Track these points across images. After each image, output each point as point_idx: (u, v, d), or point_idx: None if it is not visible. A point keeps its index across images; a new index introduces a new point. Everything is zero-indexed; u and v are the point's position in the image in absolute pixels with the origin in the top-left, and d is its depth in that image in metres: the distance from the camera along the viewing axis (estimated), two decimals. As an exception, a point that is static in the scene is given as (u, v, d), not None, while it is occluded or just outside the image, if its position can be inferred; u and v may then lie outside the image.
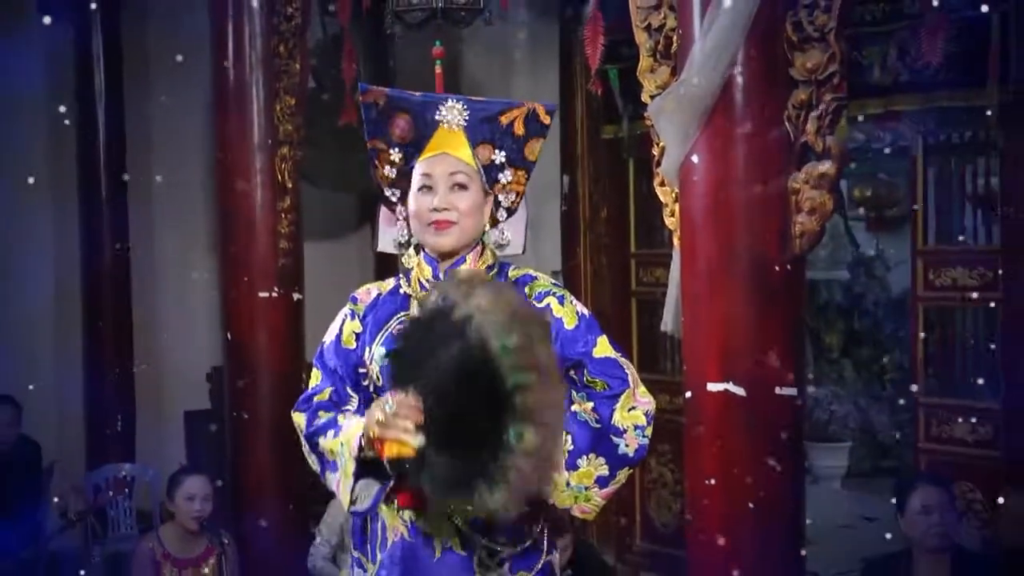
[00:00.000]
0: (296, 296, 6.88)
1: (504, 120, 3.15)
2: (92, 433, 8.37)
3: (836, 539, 8.20)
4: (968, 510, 6.14)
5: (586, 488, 3.04)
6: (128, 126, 8.47)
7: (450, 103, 3.10)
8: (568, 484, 3.03)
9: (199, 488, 5.82)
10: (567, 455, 3.01)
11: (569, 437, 3.01)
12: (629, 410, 3.03)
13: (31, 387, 7.60)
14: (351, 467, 2.95)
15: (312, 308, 6.96)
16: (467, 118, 3.11)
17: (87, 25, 8.29)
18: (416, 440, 2.72)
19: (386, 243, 3.31)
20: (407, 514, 3.01)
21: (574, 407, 3.05)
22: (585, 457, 3.02)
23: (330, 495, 6.55)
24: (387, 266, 8.20)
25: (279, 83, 6.80)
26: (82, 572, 7.26)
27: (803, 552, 4.16)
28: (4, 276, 7.96)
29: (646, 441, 3.06)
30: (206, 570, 5.85)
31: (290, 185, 6.85)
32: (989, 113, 5.87)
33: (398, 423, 2.73)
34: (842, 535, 8.49)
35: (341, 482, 2.99)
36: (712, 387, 3.98)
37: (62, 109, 8.19)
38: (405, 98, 3.12)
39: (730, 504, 4.00)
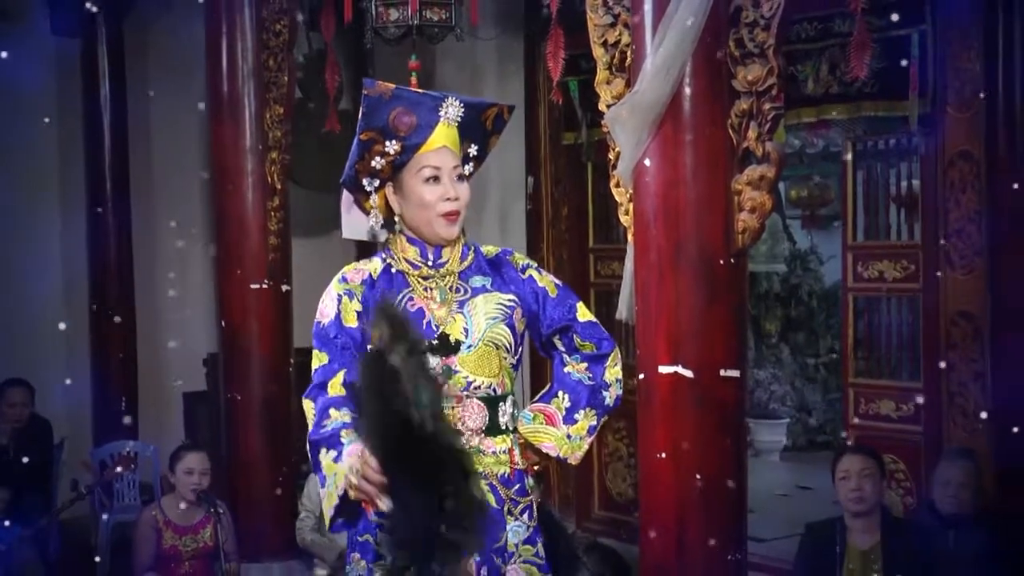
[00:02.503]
0: (285, 287, 6.88)
1: (482, 117, 3.14)
2: (98, 412, 8.34)
3: (775, 506, 8.23)
4: (892, 479, 6.18)
5: (580, 438, 3.14)
6: (131, 132, 8.42)
7: (450, 100, 3.05)
8: (568, 437, 3.12)
9: (197, 463, 5.81)
10: (565, 412, 3.13)
11: (566, 395, 3.13)
12: (613, 366, 3.17)
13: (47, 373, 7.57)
14: (334, 500, 2.84)
15: (299, 298, 6.96)
16: (463, 115, 3.06)
17: (93, 41, 8.25)
18: (383, 503, 2.68)
19: (351, 230, 3.22)
20: None
21: (567, 368, 3.17)
22: (582, 411, 3.13)
23: (307, 470, 6.58)
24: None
25: (269, 94, 6.80)
26: (90, 539, 7.26)
27: (746, 518, 4.20)
28: (18, 269, 7.91)
29: (621, 391, 3.19)
30: (203, 536, 5.84)
31: (279, 186, 6.84)
32: (910, 121, 5.91)
33: (365, 485, 2.69)
34: (780, 503, 8.52)
35: (326, 502, 2.88)
36: (663, 370, 4.00)
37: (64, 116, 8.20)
38: (411, 94, 3.07)
39: (679, 475, 4.02)
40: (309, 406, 2.98)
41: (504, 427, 3.06)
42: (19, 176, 8.18)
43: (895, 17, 5.80)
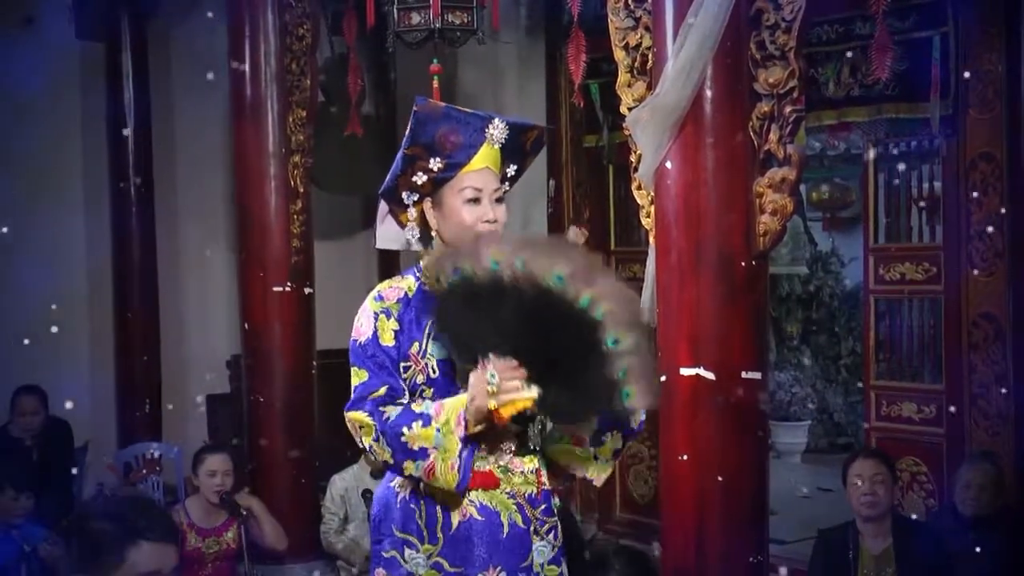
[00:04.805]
0: (307, 290, 6.89)
1: (523, 139, 3.15)
2: (123, 414, 8.37)
3: (796, 508, 8.21)
4: (913, 482, 6.16)
5: (606, 460, 3.16)
6: (154, 134, 8.45)
7: (496, 122, 3.05)
8: (595, 458, 3.14)
9: (220, 464, 5.82)
10: (593, 433, 3.12)
11: (594, 419, 3.09)
12: None
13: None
14: (457, 448, 2.86)
15: (321, 301, 6.97)
16: (507, 137, 3.07)
17: (117, 45, 8.29)
18: (532, 392, 2.76)
19: (384, 240, 3.25)
20: (475, 494, 2.99)
21: None
22: (609, 434, 3.13)
23: (329, 472, 6.59)
24: (389, 263, 8.20)
25: (291, 97, 6.81)
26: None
27: (767, 520, 4.19)
28: (42, 272, 7.95)
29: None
30: (227, 539, 5.85)
31: (301, 189, 6.85)
32: (932, 123, 5.89)
33: (508, 385, 2.76)
34: (801, 505, 8.49)
35: (441, 465, 2.88)
36: (684, 371, 3.99)
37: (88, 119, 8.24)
38: (460, 113, 3.07)
39: (701, 477, 4.01)
40: (356, 415, 2.98)
41: (533, 447, 3.06)
42: (43, 178, 8.21)
43: (916, 19, 5.79)
